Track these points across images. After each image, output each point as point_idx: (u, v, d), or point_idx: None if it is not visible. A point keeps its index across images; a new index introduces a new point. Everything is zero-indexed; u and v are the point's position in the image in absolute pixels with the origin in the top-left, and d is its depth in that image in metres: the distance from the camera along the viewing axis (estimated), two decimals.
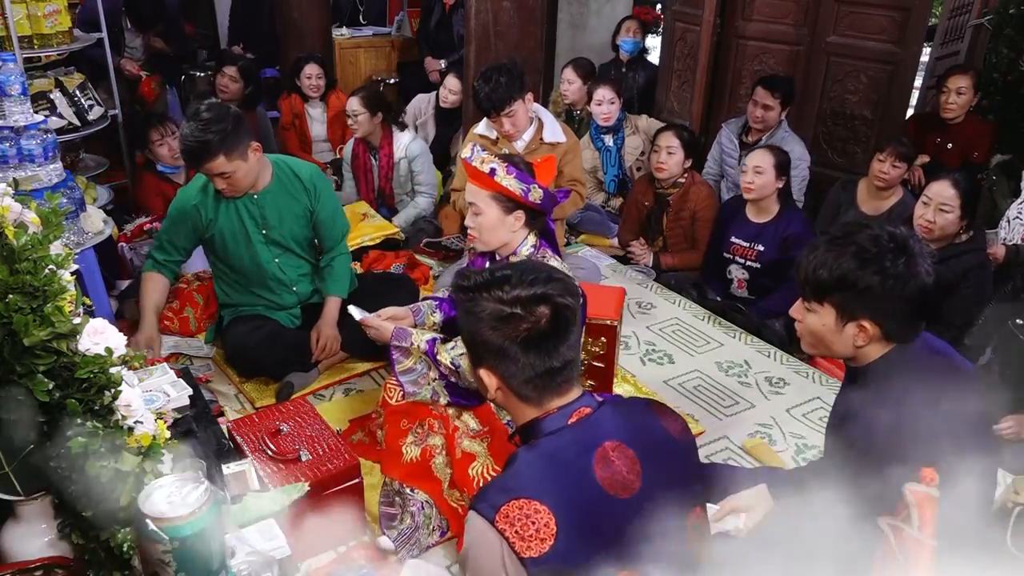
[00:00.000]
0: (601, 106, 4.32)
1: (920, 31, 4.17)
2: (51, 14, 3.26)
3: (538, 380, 1.35)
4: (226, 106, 2.72)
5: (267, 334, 2.85)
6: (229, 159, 2.62)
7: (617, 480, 1.30)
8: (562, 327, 1.34)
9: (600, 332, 2.72)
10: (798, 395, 2.97)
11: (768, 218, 3.50)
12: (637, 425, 1.39)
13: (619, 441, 1.34)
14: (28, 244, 1.35)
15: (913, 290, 1.54)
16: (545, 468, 1.29)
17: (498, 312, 1.33)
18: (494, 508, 1.24)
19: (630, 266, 3.94)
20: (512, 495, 1.25)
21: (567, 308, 1.34)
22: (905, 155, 3.47)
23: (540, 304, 1.33)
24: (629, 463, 1.32)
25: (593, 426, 1.35)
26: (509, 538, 1.21)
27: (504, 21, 3.84)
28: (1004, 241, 3.41)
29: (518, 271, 1.38)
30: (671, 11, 5.14)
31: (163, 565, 1.17)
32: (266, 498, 1.91)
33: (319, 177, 2.94)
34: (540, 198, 2.20)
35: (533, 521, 1.22)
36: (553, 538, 1.22)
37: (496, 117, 3.24)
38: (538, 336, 1.32)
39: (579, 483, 1.28)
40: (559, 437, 1.34)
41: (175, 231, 2.87)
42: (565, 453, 1.31)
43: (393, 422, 2.33)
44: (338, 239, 3.01)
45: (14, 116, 2.56)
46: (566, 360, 1.35)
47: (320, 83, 4.93)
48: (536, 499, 1.24)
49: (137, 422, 1.40)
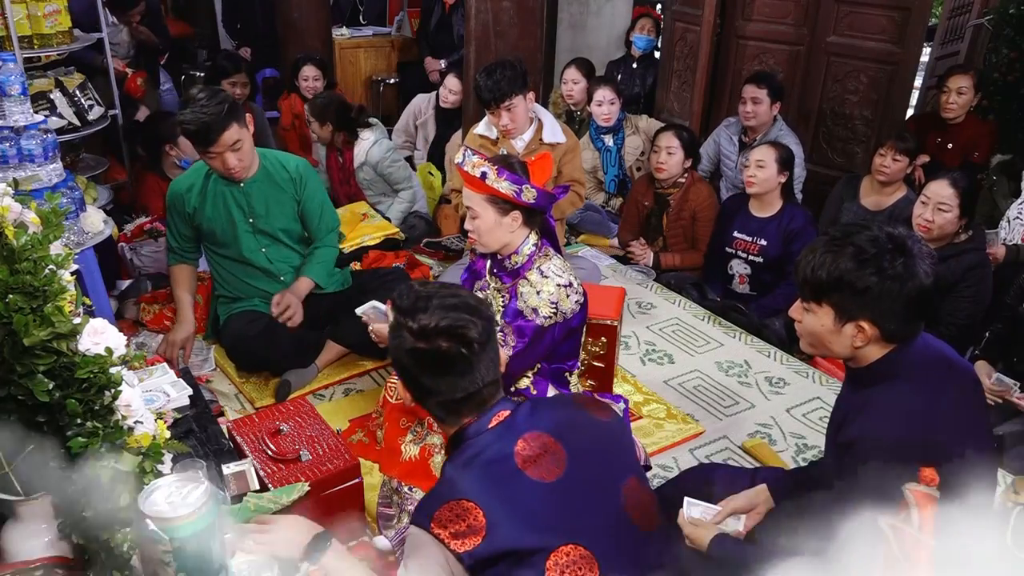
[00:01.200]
0: (601, 107, 4.32)
1: (920, 31, 4.17)
2: (51, 14, 3.26)
3: (451, 405, 1.43)
4: (214, 87, 2.83)
5: (266, 326, 2.87)
6: (239, 127, 2.72)
7: (540, 465, 1.37)
8: (470, 356, 1.38)
9: (600, 332, 2.72)
10: (798, 395, 2.97)
11: (771, 212, 3.51)
12: (557, 415, 1.48)
13: (538, 431, 1.40)
14: (28, 244, 1.35)
15: (911, 291, 1.53)
16: (470, 469, 1.37)
17: (407, 344, 1.40)
18: (428, 517, 1.32)
19: (630, 266, 3.94)
20: (441, 500, 1.33)
21: (475, 344, 1.38)
22: (906, 149, 3.47)
23: (446, 338, 1.37)
24: (551, 448, 1.39)
25: (511, 424, 1.42)
26: (445, 540, 1.28)
27: (504, 21, 3.84)
28: (1004, 241, 3.41)
29: (436, 298, 1.42)
30: (671, 11, 5.13)
31: (163, 565, 1.17)
32: (266, 498, 1.91)
33: (306, 168, 2.99)
34: (534, 198, 2.21)
35: (464, 518, 1.30)
36: (484, 530, 1.29)
37: (496, 110, 3.24)
38: (444, 369, 1.39)
39: (502, 475, 1.36)
40: (481, 439, 1.41)
41: (174, 221, 2.98)
42: (487, 452, 1.39)
43: (393, 420, 2.34)
44: (324, 232, 3.04)
45: (14, 116, 2.56)
46: (480, 384, 1.41)
47: (318, 84, 4.92)
48: (463, 498, 1.32)
49: (137, 422, 1.40)
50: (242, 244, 2.92)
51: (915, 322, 1.60)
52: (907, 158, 3.49)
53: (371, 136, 4.18)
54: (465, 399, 1.42)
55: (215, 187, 2.87)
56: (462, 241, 3.92)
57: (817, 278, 1.60)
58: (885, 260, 1.54)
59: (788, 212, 3.48)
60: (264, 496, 1.92)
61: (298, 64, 4.93)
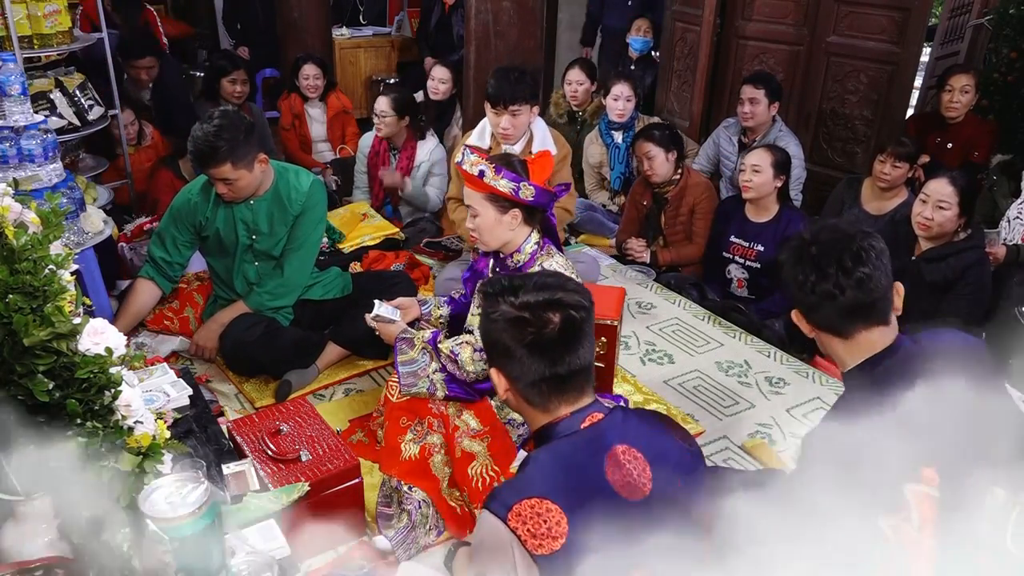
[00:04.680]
0: (617, 102, 4.31)
1: (920, 31, 4.18)
2: (51, 14, 3.25)
3: (543, 385, 1.38)
4: (242, 116, 2.78)
5: (264, 331, 2.87)
6: (235, 167, 2.70)
7: (628, 483, 1.32)
8: (570, 336, 1.37)
9: (600, 332, 2.72)
10: (798, 395, 2.97)
11: (768, 217, 3.50)
12: (646, 431, 1.43)
13: (630, 445, 1.35)
14: (28, 244, 1.35)
15: (825, 295, 1.58)
16: (557, 469, 1.32)
17: (509, 315, 1.39)
18: (506, 507, 1.26)
19: (630, 266, 3.94)
20: (524, 495, 1.27)
21: (577, 317, 1.37)
22: (905, 155, 3.46)
23: (549, 310, 1.37)
24: (640, 466, 1.34)
25: (605, 430, 1.37)
26: (521, 536, 1.23)
27: (504, 21, 3.84)
28: (1005, 241, 3.41)
29: (533, 279, 1.44)
30: (671, 11, 5.13)
31: (163, 565, 1.17)
32: (266, 498, 1.92)
33: (319, 191, 2.96)
34: (532, 195, 2.22)
35: (545, 520, 1.25)
36: (565, 536, 1.23)
37: (502, 111, 3.25)
38: (545, 342, 1.36)
39: (591, 484, 1.30)
40: (571, 440, 1.37)
41: (175, 226, 2.94)
42: (577, 455, 1.34)
43: (393, 419, 2.34)
44: (293, 251, 2.94)
45: (14, 116, 2.56)
46: (572, 368, 1.38)
47: (318, 83, 4.93)
48: (548, 498, 1.26)
49: (137, 422, 1.41)
50: (239, 258, 2.94)
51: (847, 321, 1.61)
52: (907, 163, 3.48)
53: (433, 138, 4.29)
54: (562, 380, 1.38)
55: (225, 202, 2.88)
56: (462, 241, 3.92)
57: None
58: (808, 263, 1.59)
59: (785, 217, 3.47)
60: (264, 496, 1.93)
61: (298, 63, 4.93)
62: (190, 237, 2.96)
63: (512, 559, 1.25)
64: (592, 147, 4.51)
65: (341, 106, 5.08)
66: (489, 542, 1.28)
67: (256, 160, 2.76)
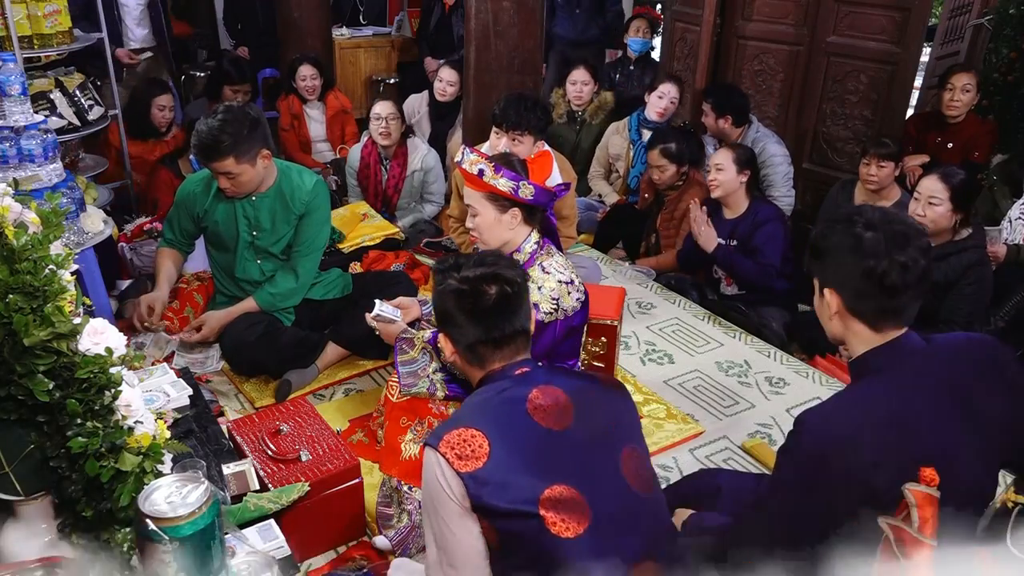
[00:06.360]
0: (662, 100, 4.33)
1: (920, 31, 4.17)
2: (51, 14, 3.26)
3: (480, 347, 1.61)
4: (246, 111, 2.78)
5: (265, 330, 2.87)
6: (238, 162, 2.71)
7: (549, 414, 1.50)
8: (504, 305, 1.59)
9: (600, 332, 2.72)
10: (798, 395, 2.97)
11: (740, 212, 3.57)
12: (573, 378, 1.62)
13: (553, 387, 1.54)
14: (28, 244, 1.35)
15: (870, 267, 1.46)
16: (484, 405, 1.53)
17: (452, 287, 1.62)
18: (438, 438, 1.46)
19: (630, 266, 3.95)
20: (453, 426, 1.47)
21: (510, 291, 1.60)
22: (887, 154, 3.46)
23: (486, 283, 1.60)
24: (561, 402, 1.52)
25: (531, 376, 1.57)
26: (448, 457, 1.42)
27: (504, 21, 3.84)
28: (1006, 241, 3.41)
29: (475, 258, 1.69)
30: (671, 11, 5.13)
31: (163, 565, 1.17)
32: (266, 498, 1.92)
33: (321, 188, 2.96)
34: (532, 194, 2.22)
35: (469, 444, 1.43)
36: (487, 456, 1.42)
37: (503, 133, 3.26)
38: (482, 310, 1.59)
39: (512, 415, 1.49)
40: (500, 383, 1.57)
41: (178, 215, 3.00)
42: (504, 394, 1.54)
43: (394, 419, 2.34)
44: (303, 254, 2.95)
45: (14, 116, 2.56)
46: (506, 333, 1.59)
47: (316, 84, 4.92)
48: (473, 427, 1.45)
49: (137, 422, 1.41)
50: (241, 255, 2.94)
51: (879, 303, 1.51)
52: (892, 162, 3.48)
53: (422, 144, 4.30)
54: (496, 342, 1.59)
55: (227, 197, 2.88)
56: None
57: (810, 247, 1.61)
58: (856, 226, 1.49)
59: (754, 208, 3.54)
60: (264, 496, 1.93)
61: (295, 64, 4.93)
62: (192, 226, 3.00)
63: (443, 477, 1.41)
64: (615, 138, 4.50)
65: (340, 106, 5.08)
66: (425, 469, 1.46)
67: (259, 155, 2.76)
